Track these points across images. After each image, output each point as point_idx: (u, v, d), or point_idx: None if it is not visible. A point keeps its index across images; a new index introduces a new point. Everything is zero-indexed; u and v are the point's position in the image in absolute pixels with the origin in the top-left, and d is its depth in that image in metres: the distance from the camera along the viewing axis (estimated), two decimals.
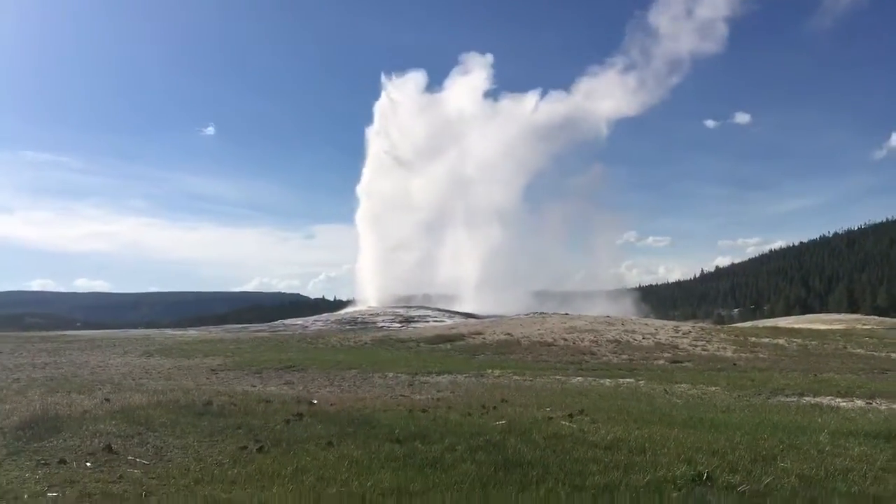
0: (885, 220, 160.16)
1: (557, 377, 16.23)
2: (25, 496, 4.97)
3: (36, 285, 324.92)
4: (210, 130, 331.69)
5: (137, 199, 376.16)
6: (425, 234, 74.07)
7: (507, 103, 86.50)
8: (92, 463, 5.93)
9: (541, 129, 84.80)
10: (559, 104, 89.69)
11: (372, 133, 74.11)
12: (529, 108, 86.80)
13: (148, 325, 77.07)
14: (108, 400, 9.57)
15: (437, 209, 74.91)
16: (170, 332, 36.63)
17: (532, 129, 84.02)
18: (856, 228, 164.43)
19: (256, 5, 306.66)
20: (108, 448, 6.31)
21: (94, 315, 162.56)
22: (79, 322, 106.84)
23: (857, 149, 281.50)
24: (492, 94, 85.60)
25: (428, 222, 74.26)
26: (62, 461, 5.90)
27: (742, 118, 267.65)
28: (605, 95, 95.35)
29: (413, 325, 39.99)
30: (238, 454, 6.31)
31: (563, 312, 39.18)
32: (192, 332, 34.73)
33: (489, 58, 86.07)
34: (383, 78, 76.55)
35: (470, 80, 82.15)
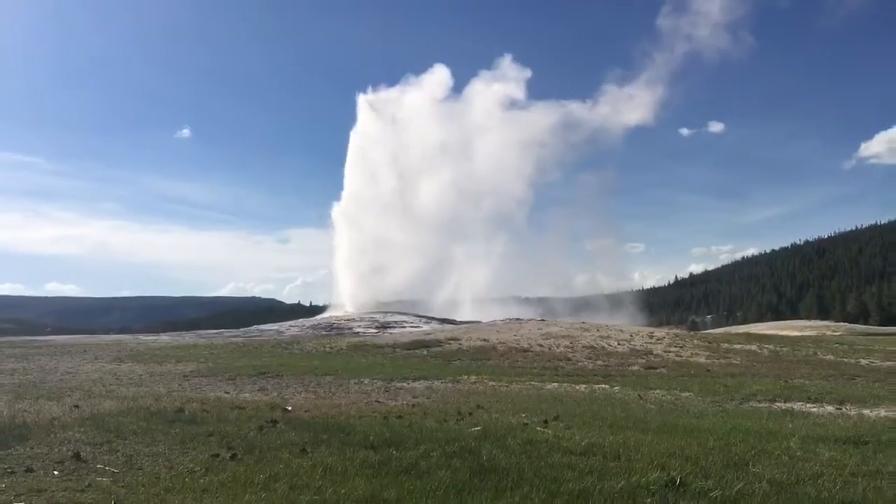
0: (854, 228, 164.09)
1: (533, 383, 16.28)
2: None
3: (5, 289, 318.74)
4: (186, 133, 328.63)
5: (109, 202, 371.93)
6: (434, 241, 73.77)
7: (506, 112, 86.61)
8: (60, 471, 5.82)
9: (537, 138, 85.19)
10: (552, 112, 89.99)
11: (352, 135, 73.68)
12: (527, 117, 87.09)
13: (120, 331, 76.05)
14: (77, 407, 9.41)
15: (441, 217, 74.76)
16: (142, 337, 36.12)
17: (532, 137, 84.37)
18: (826, 237, 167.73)
19: (236, 6, 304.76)
20: (77, 456, 6.20)
21: (65, 320, 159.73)
22: (49, 327, 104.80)
23: (827, 159, 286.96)
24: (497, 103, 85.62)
25: (433, 229, 74.05)
26: (29, 469, 5.79)
27: (716, 127, 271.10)
28: (602, 107, 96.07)
29: (389, 330, 39.83)
30: (210, 462, 6.24)
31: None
32: (165, 338, 34.27)
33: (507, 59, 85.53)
34: (361, 95, 76.12)
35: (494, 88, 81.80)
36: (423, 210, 73.22)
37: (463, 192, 77.33)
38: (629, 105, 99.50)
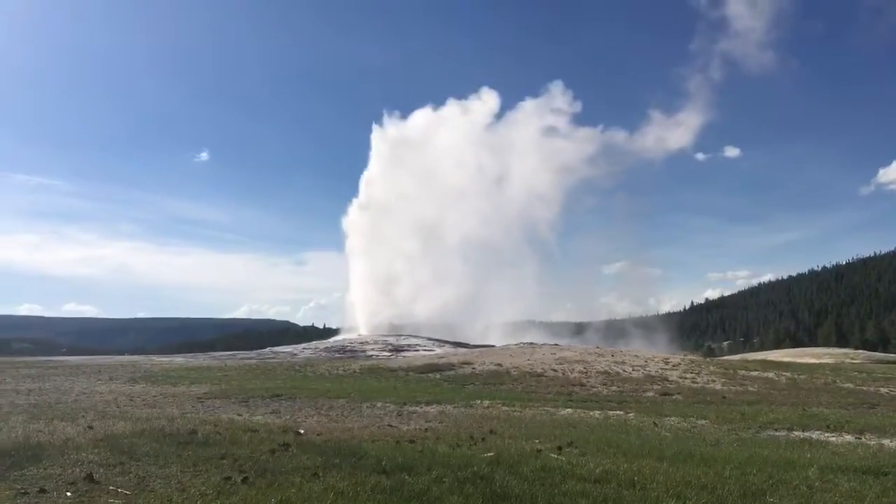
0: (872, 254, 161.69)
1: (547, 408, 16.14)
2: None
3: (24, 310, 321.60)
4: (204, 156, 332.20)
5: (128, 224, 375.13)
6: (461, 266, 73.99)
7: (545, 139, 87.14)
8: (72, 492, 5.83)
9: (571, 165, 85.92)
10: (591, 140, 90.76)
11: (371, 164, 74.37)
12: (563, 144, 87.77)
13: (134, 352, 76.50)
14: (91, 427, 9.44)
15: (471, 242, 75.15)
16: (156, 358, 36.28)
17: (567, 163, 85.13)
18: (844, 263, 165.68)
19: (254, 31, 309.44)
20: (90, 477, 6.21)
21: (81, 340, 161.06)
22: (64, 348, 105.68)
23: (845, 184, 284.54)
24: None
25: (461, 253, 74.37)
26: (42, 490, 5.80)
27: (732, 152, 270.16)
28: (639, 135, 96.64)
29: (402, 353, 39.79)
30: (222, 485, 6.22)
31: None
32: (179, 359, 34.41)
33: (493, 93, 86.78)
34: (375, 125, 77.01)
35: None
36: (451, 235, 73.66)
37: (494, 218, 77.86)
38: (668, 132, 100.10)
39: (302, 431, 10.17)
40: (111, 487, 6.03)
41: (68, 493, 5.79)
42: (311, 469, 6.90)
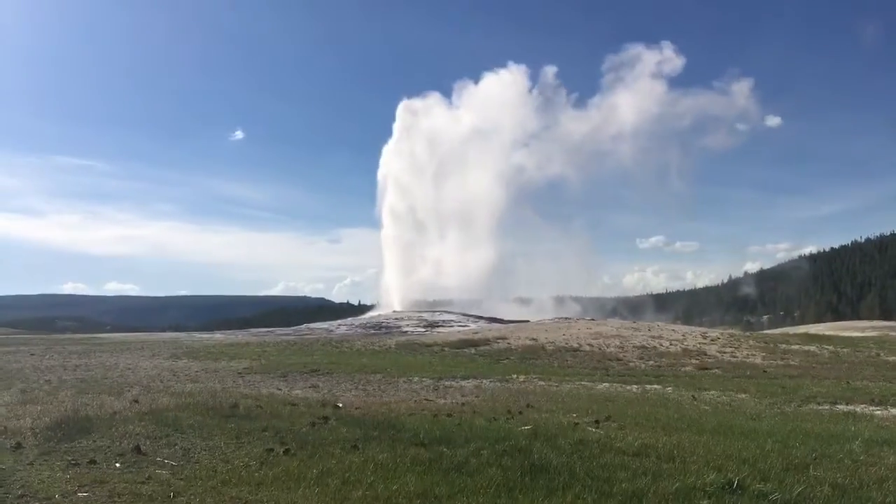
0: None
1: (583, 383, 16.11)
2: (56, 496, 5.03)
3: (68, 288, 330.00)
4: (239, 135, 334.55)
5: (165, 203, 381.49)
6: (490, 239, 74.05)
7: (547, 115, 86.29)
8: (121, 464, 5.99)
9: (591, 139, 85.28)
10: (594, 112, 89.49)
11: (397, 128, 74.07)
12: (572, 116, 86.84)
13: (176, 329, 78.16)
14: (136, 401, 9.67)
15: (498, 216, 75.14)
16: (197, 335, 37.01)
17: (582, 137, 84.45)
18: (888, 234, 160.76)
19: (286, 9, 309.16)
20: (137, 449, 6.37)
21: (123, 318, 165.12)
22: (108, 325, 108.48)
23: (889, 153, 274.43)
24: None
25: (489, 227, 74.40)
26: (92, 461, 5.97)
27: (773, 121, 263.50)
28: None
29: (437, 329, 39.95)
30: (265, 456, 6.34)
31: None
32: (219, 336, 35.05)
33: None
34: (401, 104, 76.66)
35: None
36: (477, 208, 73.44)
37: (523, 188, 77.60)
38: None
39: (340, 405, 10.30)
40: (158, 459, 6.19)
41: (117, 465, 5.96)
42: (351, 441, 7.00)
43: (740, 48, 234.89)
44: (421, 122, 74.12)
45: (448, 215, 73.13)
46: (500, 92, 79.17)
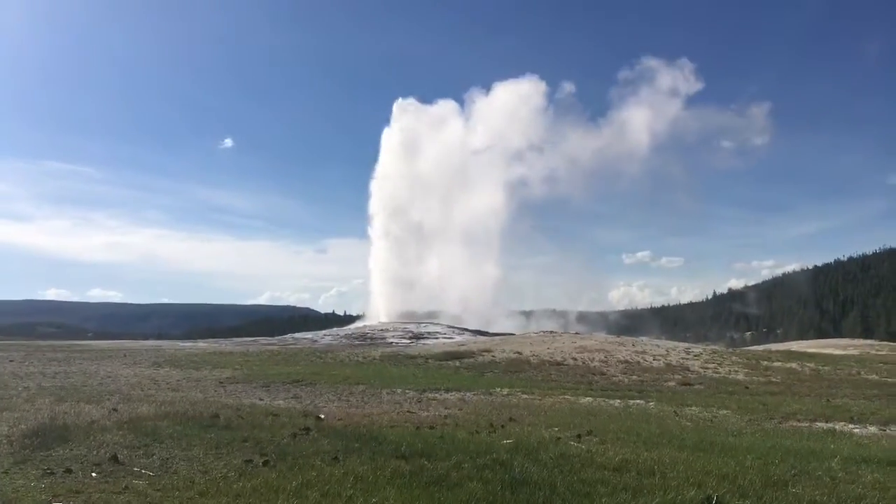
0: None
1: (566, 397, 16.12)
2: None
3: (50, 294, 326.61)
4: (228, 143, 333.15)
5: (154, 211, 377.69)
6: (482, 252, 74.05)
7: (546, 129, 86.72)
8: (98, 473, 5.93)
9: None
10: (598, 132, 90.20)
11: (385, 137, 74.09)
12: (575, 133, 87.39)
13: (158, 337, 77.53)
14: (115, 410, 9.59)
15: (492, 229, 75.23)
16: (180, 343, 36.77)
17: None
18: (870, 253, 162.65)
19: (278, 19, 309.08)
20: (115, 458, 6.31)
21: (106, 325, 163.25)
22: (90, 332, 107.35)
23: (873, 173, 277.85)
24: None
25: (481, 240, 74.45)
26: (68, 470, 5.90)
27: (760, 140, 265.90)
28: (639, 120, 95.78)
29: (422, 341, 39.91)
30: (244, 467, 6.29)
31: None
32: (202, 344, 34.84)
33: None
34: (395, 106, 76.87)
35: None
36: (469, 223, 73.57)
37: (512, 206, 77.78)
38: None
39: (322, 416, 10.25)
40: (135, 468, 6.13)
41: (94, 474, 5.89)
42: (332, 453, 6.96)
43: (728, 71, 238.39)
44: (414, 130, 74.48)
45: (446, 228, 73.38)
46: (504, 104, 79.74)
